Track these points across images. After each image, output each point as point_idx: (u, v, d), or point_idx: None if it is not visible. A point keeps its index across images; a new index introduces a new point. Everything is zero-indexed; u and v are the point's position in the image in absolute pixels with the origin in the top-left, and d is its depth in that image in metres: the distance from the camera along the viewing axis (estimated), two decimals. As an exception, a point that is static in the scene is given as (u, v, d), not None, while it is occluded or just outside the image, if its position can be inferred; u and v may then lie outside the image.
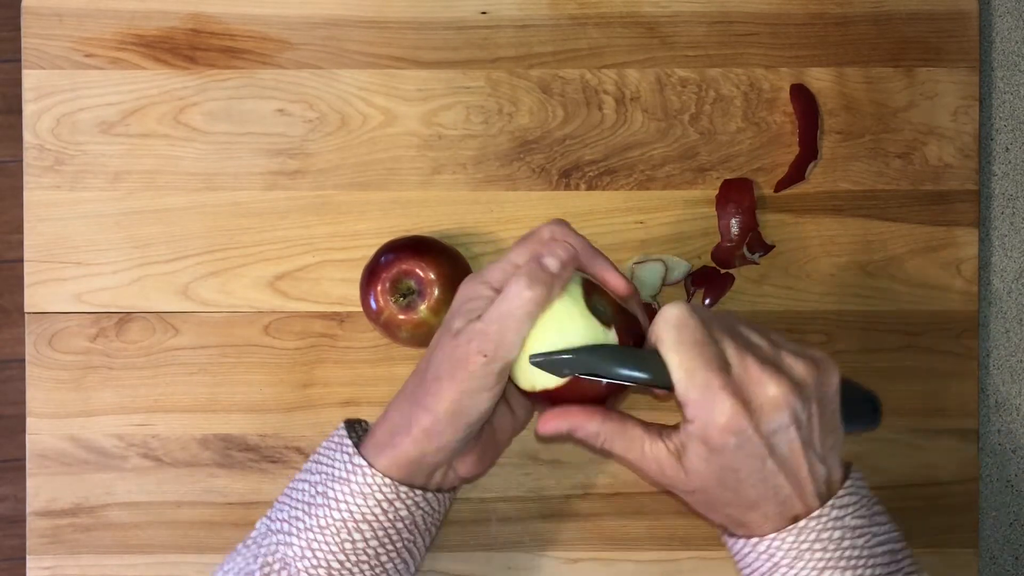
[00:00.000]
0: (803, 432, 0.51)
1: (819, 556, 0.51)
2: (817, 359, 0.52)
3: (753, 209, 0.67)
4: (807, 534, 0.51)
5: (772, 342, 0.52)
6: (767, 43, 0.68)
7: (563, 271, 0.53)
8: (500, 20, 0.68)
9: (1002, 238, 0.71)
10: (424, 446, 0.53)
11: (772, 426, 0.50)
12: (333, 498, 0.54)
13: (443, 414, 0.53)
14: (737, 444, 0.50)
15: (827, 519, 0.51)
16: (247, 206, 0.68)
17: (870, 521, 0.52)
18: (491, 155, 0.68)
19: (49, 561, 0.67)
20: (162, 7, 0.68)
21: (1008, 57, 0.71)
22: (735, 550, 0.54)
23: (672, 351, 0.51)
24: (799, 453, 0.51)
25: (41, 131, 0.68)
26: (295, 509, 0.55)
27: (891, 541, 0.53)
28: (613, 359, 0.52)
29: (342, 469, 0.54)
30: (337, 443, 0.56)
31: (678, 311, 0.51)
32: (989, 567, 0.71)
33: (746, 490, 0.51)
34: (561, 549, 0.68)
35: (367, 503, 0.53)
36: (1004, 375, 0.71)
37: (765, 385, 0.50)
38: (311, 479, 0.56)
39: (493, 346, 0.51)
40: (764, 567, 0.52)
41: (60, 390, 0.67)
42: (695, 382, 0.50)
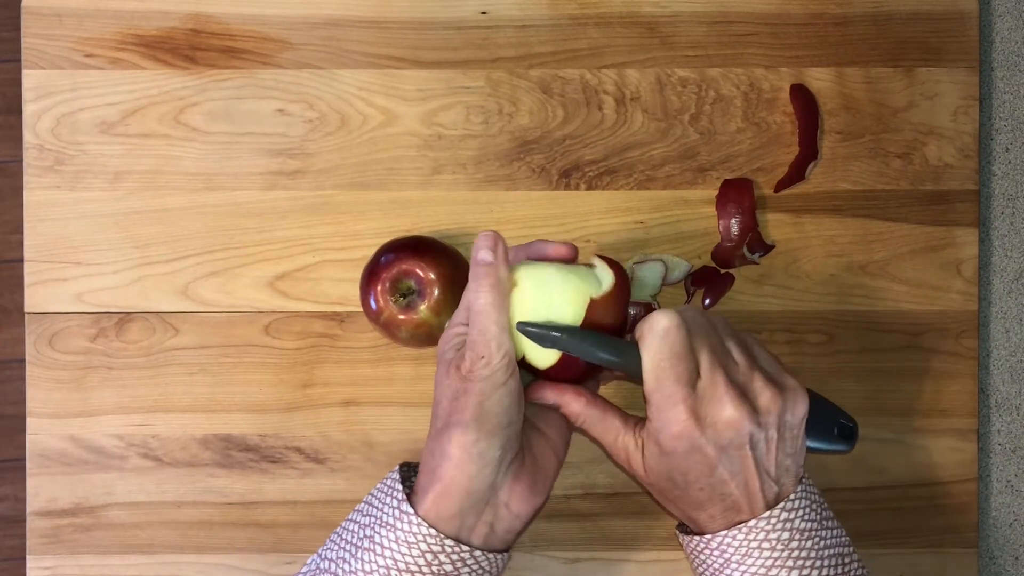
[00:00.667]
0: (757, 453, 0.53)
1: (767, 555, 0.53)
2: (787, 388, 0.55)
3: (753, 209, 0.67)
4: (756, 533, 0.53)
5: (751, 359, 0.55)
6: (767, 43, 0.68)
7: (496, 254, 0.55)
8: (500, 20, 0.68)
9: (1002, 238, 0.71)
10: (465, 465, 0.53)
11: (723, 442, 0.53)
12: (379, 543, 0.53)
13: (472, 422, 0.53)
14: (686, 451, 0.53)
15: (776, 520, 0.53)
16: (247, 206, 0.68)
17: (819, 525, 0.55)
18: (491, 155, 0.68)
19: (49, 561, 0.67)
20: (162, 7, 0.68)
21: (1008, 57, 0.71)
22: (689, 548, 0.57)
23: (648, 355, 0.54)
24: (751, 470, 0.53)
25: (41, 131, 0.68)
26: (343, 550, 0.55)
27: (839, 545, 0.55)
28: (593, 344, 0.55)
29: (390, 515, 0.54)
30: (389, 487, 0.55)
31: (666, 321, 0.54)
32: (989, 567, 0.71)
33: (694, 492, 0.54)
34: (561, 549, 0.68)
35: (411, 552, 0.53)
36: (1004, 375, 0.71)
37: (724, 406, 0.53)
38: (361, 520, 0.55)
39: (483, 345, 0.53)
40: (716, 563, 0.55)
41: (60, 390, 0.67)
42: (660, 389, 0.53)
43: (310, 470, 0.68)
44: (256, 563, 0.68)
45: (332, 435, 0.68)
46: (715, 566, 0.55)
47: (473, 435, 0.52)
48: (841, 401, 0.68)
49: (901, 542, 0.68)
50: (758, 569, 0.53)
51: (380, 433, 0.68)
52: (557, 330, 0.55)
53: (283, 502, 0.68)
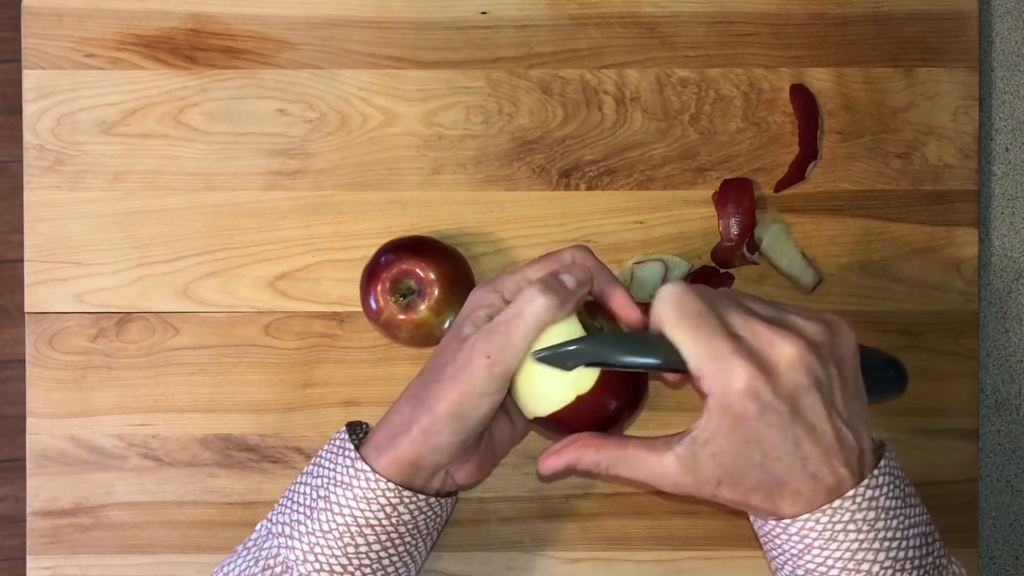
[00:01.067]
0: (825, 394, 0.49)
1: (853, 537, 0.49)
2: (828, 320, 0.51)
3: (753, 209, 0.67)
4: (841, 514, 0.49)
5: (778, 307, 0.51)
6: (767, 43, 0.68)
7: (578, 289, 0.53)
8: (500, 20, 0.68)
9: (1002, 238, 0.71)
10: (421, 447, 0.53)
11: (791, 386, 0.48)
12: (336, 502, 0.54)
13: (442, 415, 0.53)
14: (759, 410, 0.48)
15: (862, 499, 0.49)
16: (247, 206, 0.68)
17: (904, 503, 0.51)
18: (491, 155, 0.68)
19: (49, 561, 0.67)
20: (162, 7, 0.68)
21: (1008, 57, 0.71)
22: (764, 531, 0.52)
23: (677, 328, 0.50)
24: (823, 417, 0.49)
25: (41, 131, 0.68)
26: (296, 512, 0.55)
27: (923, 524, 0.52)
28: (619, 346, 0.52)
29: (344, 473, 0.54)
30: (339, 446, 0.56)
31: (675, 288, 0.50)
32: (989, 567, 0.71)
33: (772, 464, 0.49)
34: (561, 549, 0.68)
35: (370, 508, 0.53)
36: (1004, 375, 0.71)
37: (778, 345, 0.48)
38: (313, 482, 0.55)
39: (497, 349, 0.51)
40: (795, 548, 0.50)
41: (60, 390, 0.67)
42: (706, 353, 0.49)
43: (310, 470, 0.68)
44: (256, 563, 0.68)
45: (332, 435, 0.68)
46: (793, 551, 0.51)
47: (438, 427, 0.53)
48: (841, 401, 0.68)
49: (901, 542, 0.68)
50: (843, 553, 0.49)
51: (380, 433, 0.68)
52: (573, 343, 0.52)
53: (283, 502, 0.68)
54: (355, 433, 0.58)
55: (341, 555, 0.53)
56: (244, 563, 0.55)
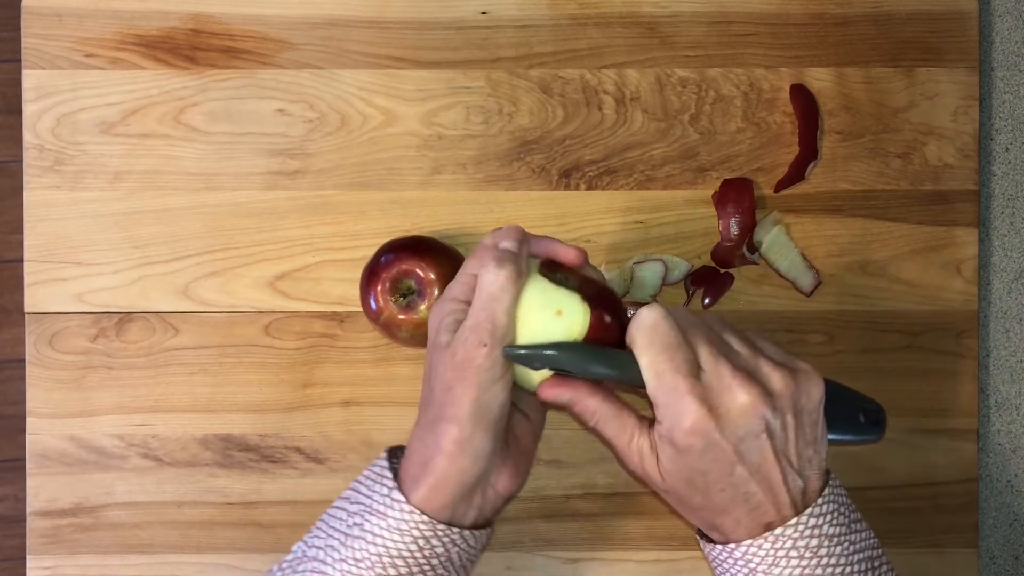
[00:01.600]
0: (776, 442, 0.51)
1: (795, 563, 0.51)
2: (798, 370, 0.52)
3: (753, 209, 0.67)
4: (783, 541, 0.51)
5: (754, 349, 0.52)
6: (767, 43, 0.68)
7: (520, 247, 0.54)
8: (500, 20, 0.68)
9: (1002, 238, 0.71)
10: (459, 460, 0.53)
11: (740, 433, 0.50)
12: (370, 531, 0.53)
13: (467, 418, 0.52)
14: (703, 448, 0.50)
15: (804, 527, 0.51)
16: (247, 206, 0.68)
17: (848, 529, 0.52)
18: (491, 155, 0.68)
19: (49, 561, 0.67)
20: (162, 7, 0.68)
21: (1008, 57, 0.71)
22: (712, 556, 0.54)
23: (643, 353, 0.51)
24: (772, 462, 0.51)
25: (41, 131, 0.68)
26: (332, 538, 0.54)
27: (868, 548, 0.53)
28: (587, 358, 0.53)
29: (380, 503, 0.54)
30: (378, 474, 0.55)
31: (652, 314, 0.52)
32: (989, 567, 0.71)
33: (715, 494, 0.51)
34: (561, 549, 0.68)
35: (403, 540, 0.53)
36: (1004, 375, 0.71)
37: (735, 392, 0.50)
38: (349, 508, 0.55)
39: (489, 332, 0.52)
40: (740, 573, 0.52)
41: (60, 390, 0.67)
42: (663, 384, 0.50)
43: (310, 470, 0.68)
44: (256, 563, 0.68)
45: (332, 435, 0.68)
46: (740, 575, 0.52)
47: (468, 431, 0.52)
48: (841, 401, 0.68)
49: (901, 542, 0.68)
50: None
51: (380, 433, 0.68)
52: (547, 347, 0.53)
53: (283, 502, 0.68)
54: (395, 457, 0.57)
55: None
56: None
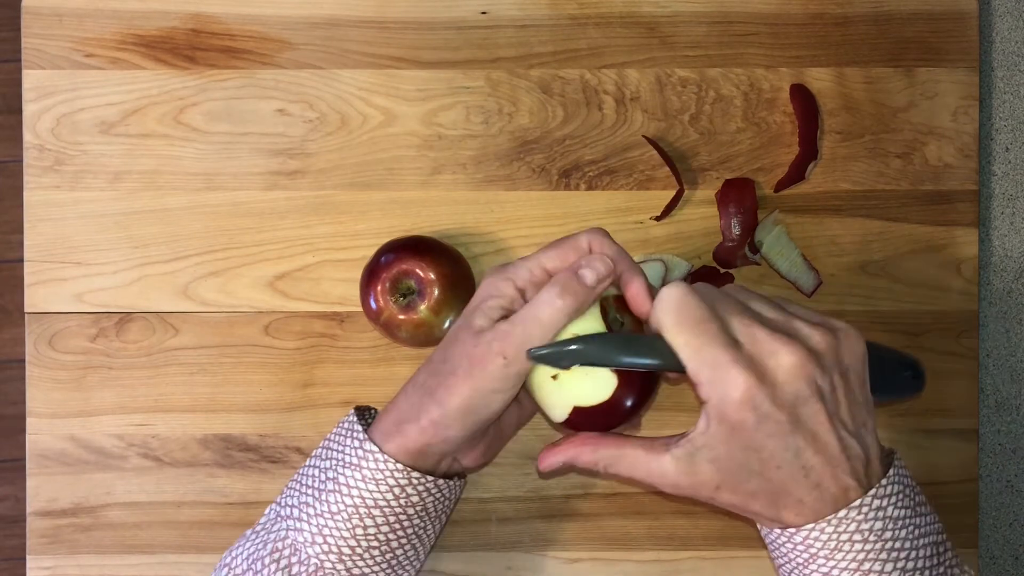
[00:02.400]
0: (828, 404, 0.48)
1: (859, 548, 0.48)
2: (836, 327, 0.50)
3: (754, 209, 0.67)
4: (847, 524, 0.48)
5: (785, 312, 0.50)
6: (767, 43, 0.68)
7: (598, 286, 0.52)
8: (500, 20, 0.68)
9: (1002, 238, 0.71)
10: (431, 437, 0.54)
11: (791, 397, 0.47)
12: (344, 484, 0.54)
13: (453, 410, 0.53)
14: (756, 420, 0.47)
15: (868, 509, 0.48)
16: (247, 206, 0.68)
17: (913, 512, 0.50)
18: (491, 155, 0.68)
19: (49, 561, 0.67)
20: (162, 7, 0.68)
21: (1008, 57, 0.71)
22: (770, 539, 0.52)
23: (675, 332, 0.49)
24: (826, 427, 0.48)
25: (41, 131, 0.68)
26: (304, 495, 0.55)
27: (934, 533, 0.50)
28: (616, 347, 0.51)
29: (352, 455, 0.54)
30: (347, 429, 0.56)
31: (676, 291, 0.49)
32: (989, 567, 0.71)
33: (772, 472, 0.48)
34: (561, 549, 0.68)
35: (379, 488, 0.53)
36: (1004, 375, 0.71)
37: (778, 355, 0.47)
38: (321, 465, 0.56)
39: (513, 350, 0.51)
40: (800, 558, 0.50)
41: (60, 390, 0.67)
42: (704, 360, 0.48)
43: (310, 470, 0.68)
44: (256, 563, 0.68)
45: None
46: (799, 560, 0.50)
47: (447, 420, 0.53)
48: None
49: (901, 542, 0.68)
50: (848, 563, 0.48)
51: (380, 433, 0.68)
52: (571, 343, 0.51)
53: (283, 502, 0.68)
54: (363, 418, 0.58)
55: (349, 536, 0.53)
56: (252, 546, 0.55)
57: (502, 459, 0.67)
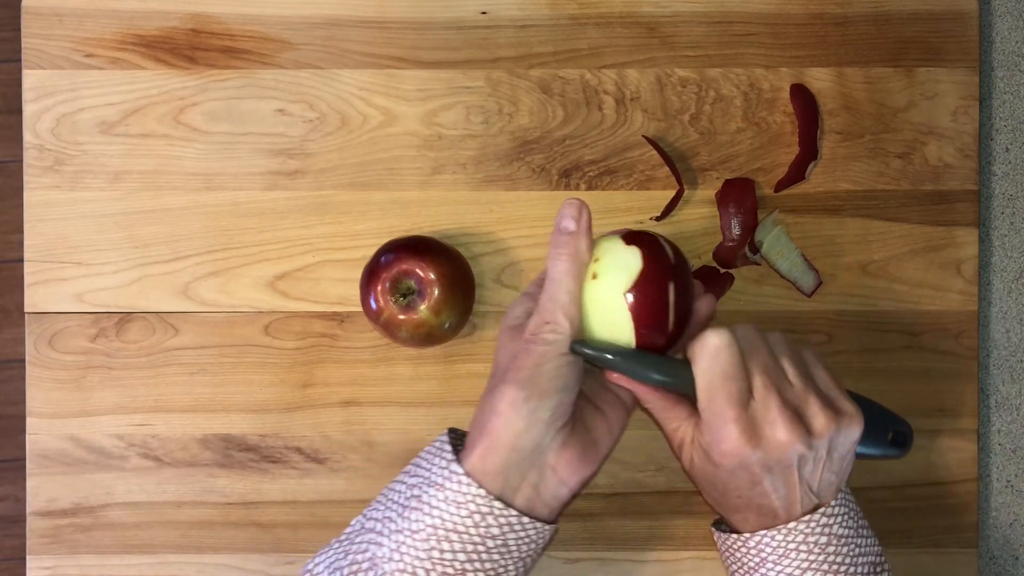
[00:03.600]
0: (804, 472, 0.54)
1: (804, 557, 0.54)
2: (843, 413, 0.55)
3: (755, 209, 0.67)
4: (795, 535, 0.54)
5: (807, 381, 0.55)
6: (767, 43, 0.68)
7: (579, 224, 0.55)
8: (500, 20, 0.68)
9: (1002, 238, 0.71)
10: (514, 422, 0.53)
11: (771, 462, 0.53)
12: (427, 503, 0.53)
13: (525, 381, 0.53)
14: (733, 467, 0.54)
15: (816, 524, 0.54)
16: (247, 206, 0.68)
17: (856, 533, 0.55)
18: (491, 155, 0.68)
19: (49, 561, 0.67)
20: (162, 7, 0.68)
21: (1008, 57, 0.71)
22: (725, 546, 0.57)
23: (700, 375, 0.54)
24: (794, 487, 0.54)
25: (41, 131, 0.68)
26: (389, 510, 0.55)
27: (873, 554, 0.56)
28: (646, 366, 0.55)
29: (439, 475, 0.54)
30: (438, 448, 0.56)
31: (717, 340, 0.54)
32: (989, 567, 0.71)
33: (731, 498, 0.55)
34: (561, 549, 0.68)
35: (459, 512, 0.52)
36: (1004, 375, 0.71)
37: (777, 428, 0.53)
38: (409, 481, 0.55)
39: (550, 311, 0.54)
40: (752, 561, 0.55)
41: (60, 390, 0.67)
42: (713, 409, 0.53)
43: (310, 470, 0.68)
44: (256, 563, 0.68)
45: (332, 435, 0.68)
46: (750, 564, 0.55)
47: (524, 392, 0.53)
48: (841, 401, 0.68)
49: (901, 542, 0.68)
50: (793, 571, 0.54)
51: (380, 433, 0.68)
52: (610, 352, 0.54)
53: (283, 502, 0.68)
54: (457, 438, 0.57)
55: (426, 558, 0.52)
56: (335, 555, 0.55)
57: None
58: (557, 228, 0.56)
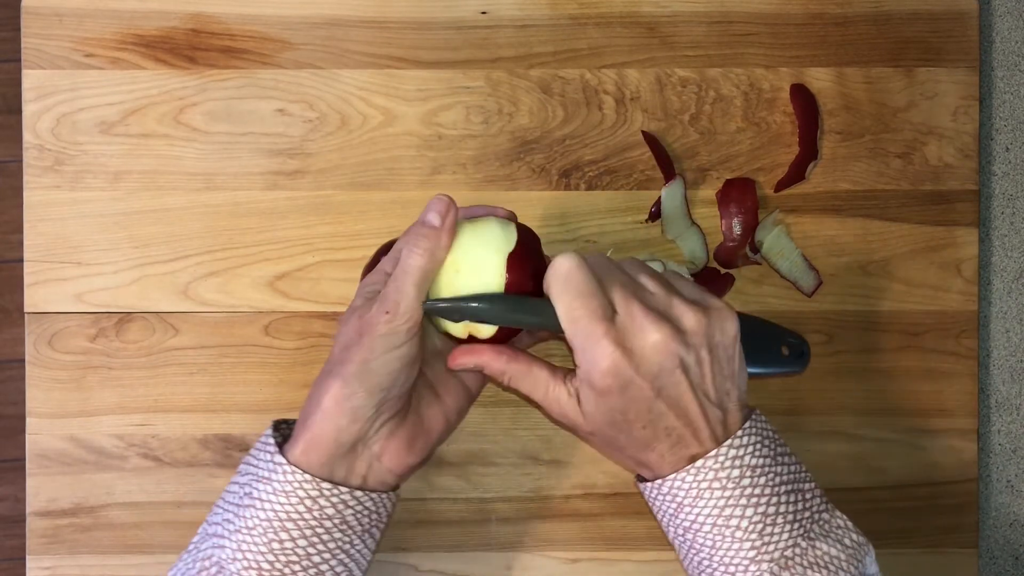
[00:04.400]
0: (692, 376, 0.52)
1: (719, 495, 0.52)
2: (711, 307, 0.54)
3: (755, 209, 0.67)
4: (705, 473, 0.52)
5: (668, 289, 0.54)
6: (767, 43, 0.68)
7: (444, 219, 0.55)
8: (500, 20, 0.68)
9: (1002, 238, 0.71)
10: (337, 418, 0.53)
11: (655, 370, 0.52)
12: (258, 498, 0.53)
13: (352, 376, 0.53)
14: (620, 387, 0.52)
15: (724, 458, 0.52)
16: (247, 206, 0.68)
17: (773, 461, 0.53)
18: (491, 155, 0.68)
19: (49, 561, 0.67)
20: (162, 7, 0.68)
21: (1008, 57, 0.71)
22: (646, 494, 0.56)
23: (558, 300, 0.53)
24: (688, 396, 0.52)
25: (41, 131, 0.68)
26: (227, 512, 0.55)
27: (796, 480, 0.54)
28: (507, 308, 0.55)
29: (265, 468, 0.54)
30: (263, 443, 0.56)
31: (567, 262, 0.53)
32: (989, 567, 0.71)
33: (636, 431, 0.53)
34: (561, 549, 0.68)
35: (290, 501, 0.53)
36: (1004, 375, 0.71)
37: (647, 332, 0.52)
38: (241, 480, 0.55)
39: (392, 304, 0.53)
40: (670, 508, 0.54)
41: (60, 390, 0.67)
42: (579, 330, 0.52)
43: (310, 470, 0.68)
44: (256, 563, 0.68)
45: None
46: (670, 511, 0.54)
47: (349, 389, 0.53)
48: (841, 401, 0.68)
49: (901, 542, 0.68)
50: (711, 510, 0.52)
51: (380, 433, 0.68)
52: (468, 299, 0.54)
53: (283, 502, 0.68)
54: (279, 429, 0.57)
55: (267, 551, 0.53)
56: (184, 567, 0.55)
57: (502, 459, 0.68)
58: (421, 220, 0.55)
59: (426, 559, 0.67)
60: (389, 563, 0.67)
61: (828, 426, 0.68)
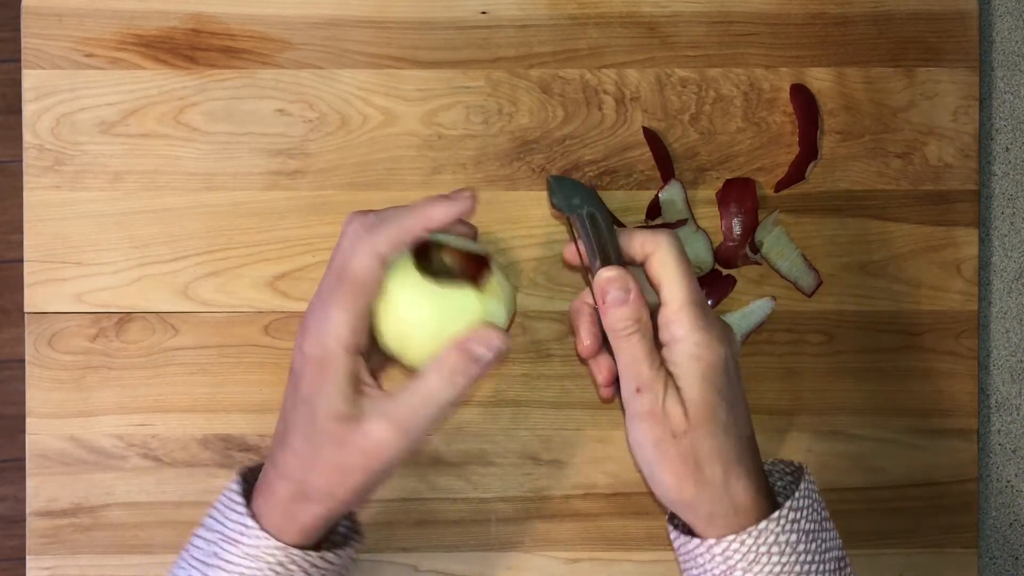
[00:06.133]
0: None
1: (776, 560, 0.50)
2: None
3: (756, 209, 0.67)
4: (766, 536, 0.50)
5: None
6: (767, 43, 0.68)
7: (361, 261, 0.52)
8: (500, 20, 0.68)
9: (1002, 238, 0.71)
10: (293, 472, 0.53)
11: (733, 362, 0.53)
12: (227, 560, 0.52)
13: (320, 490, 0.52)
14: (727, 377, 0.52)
15: (785, 521, 0.51)
16: (247, 206, 0.68)
17: (820, 526, 0.53)
18: (491, 155, 0.68)
19: (49, 561, 0.67)
20: (162, 7, 0.68)
21: (1008, 57, 0.71)
22: (685, 549, 0.53)
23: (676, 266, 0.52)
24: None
25: (41, 131, 0.68)
26: (193, 569, 0.54)
27: (837, 548, 0.53)
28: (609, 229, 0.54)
29: (233, 530, 0.53)
30: (230, 498, 0.54)
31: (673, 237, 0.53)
32: (989, 567, 0.71)
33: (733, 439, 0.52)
34: (561, 549, 0.68)
35: (257, 566, 0.52)
36: (1004, 375, 0.71)
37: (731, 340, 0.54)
38: (207, 536, 0.54)
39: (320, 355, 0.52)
40: (718, 569, 0.51)
41: (60, 390, 0.67)
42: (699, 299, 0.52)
43: (310, 470, 0.68)
44: (256, 563, 0.68)
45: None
46: (715, 572, 0.52)
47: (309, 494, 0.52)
48: (841, 401, 0.68)
49: (901, 542, 0.68)
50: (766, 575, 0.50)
51: (380, 433, 0.68)
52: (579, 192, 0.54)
53: (283, 502, 0.68)
54: (247, 481, 0.56)
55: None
56: None
57: (502, 459, 0.68)
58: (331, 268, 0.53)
59: (426, 559, 0.67)
60: (389, 563, 0.67)
61: (828, 426, 0.68)
